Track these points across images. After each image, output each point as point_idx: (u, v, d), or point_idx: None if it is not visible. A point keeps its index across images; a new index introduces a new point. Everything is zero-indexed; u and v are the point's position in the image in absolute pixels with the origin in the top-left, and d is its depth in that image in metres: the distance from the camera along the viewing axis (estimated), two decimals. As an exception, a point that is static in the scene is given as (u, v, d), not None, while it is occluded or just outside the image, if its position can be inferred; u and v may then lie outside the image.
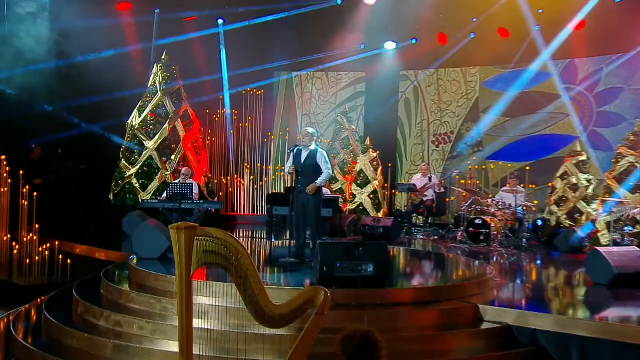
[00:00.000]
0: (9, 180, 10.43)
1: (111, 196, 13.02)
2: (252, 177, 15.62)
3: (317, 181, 8.03)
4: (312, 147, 8.13)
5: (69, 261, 9.48)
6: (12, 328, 7.00)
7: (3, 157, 10.70)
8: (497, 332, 6.18)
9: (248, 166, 15.67)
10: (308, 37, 14.87)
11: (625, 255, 8.24)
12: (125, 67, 13.58)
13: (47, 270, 9.56)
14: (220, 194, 14.99)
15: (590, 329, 6.03)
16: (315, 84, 16.20)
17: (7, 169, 10.60)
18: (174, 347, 5.65)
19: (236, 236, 12.68)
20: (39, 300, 8.46)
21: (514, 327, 6.21)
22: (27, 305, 8.35)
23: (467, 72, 14.93)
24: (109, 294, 7.13)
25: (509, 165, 14.27)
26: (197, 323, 5.96)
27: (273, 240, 11.99)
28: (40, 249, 9.75)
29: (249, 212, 15.40)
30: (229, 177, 15.54)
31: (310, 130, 8.59)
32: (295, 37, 14.82)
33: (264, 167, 15.76)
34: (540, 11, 13.23)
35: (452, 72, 15.10)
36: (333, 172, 9.31)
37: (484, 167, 14.65)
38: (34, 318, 7.61)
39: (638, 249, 8.68)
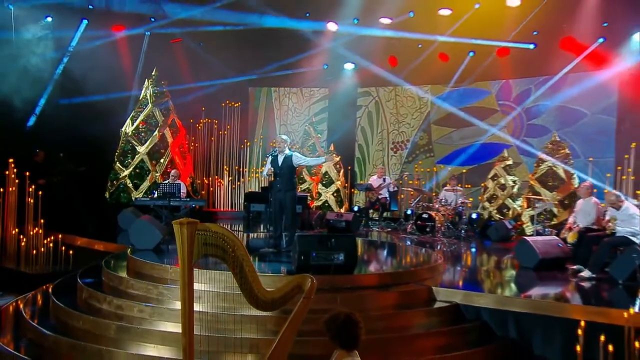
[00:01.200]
0: (17, 181, 10.25)
1: (107, 194, 12.82)
2: (230, 177, 15.45)
3: (299, 162, 8.19)
4: (287, 152, 8.10)
5: (71, 252, 9.37)
6: (23, 312, 6.83)
7: (11, 160, 10.49)
8: (447, 310, 6.25)
9: (227, 168, 15.51)
10: (278, 56, 14.72)
11: (548, 243, 8.48)
12: (119, 82, 13.43)
13: (51, 260, 9.40)
14: (203, 192, 14.80)
15: (523, 305, 6.15)
16: (292, 98, 16.09)
17: (15, 170, 10.40)
18: (170, 327, 5.72)
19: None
20: (44, 287, 8.19)
21: (462, 305, 6.28)
22: (35, 291, 8.10)
23: (420, 88, 14.91)
24: (110, 281, 7.03)
25: (464, 170, 14.31)
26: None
27: (250, 233, 11.99)
28: (45, 241, 9.56)
29: (228, 209, 15.23)
30: (210, 178, 15.36)
31: (284, 137, 8.59)
32: (268, 57, 14.66)
33: (241, 169, 15.59)
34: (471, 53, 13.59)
35: (407, 89, 15.07)
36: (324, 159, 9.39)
37: (435, 169, 14.71)
38: (42, 303, 7.41)
39: (557, 238, 8.89)
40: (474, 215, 12.64)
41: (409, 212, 13.19)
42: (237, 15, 13.39)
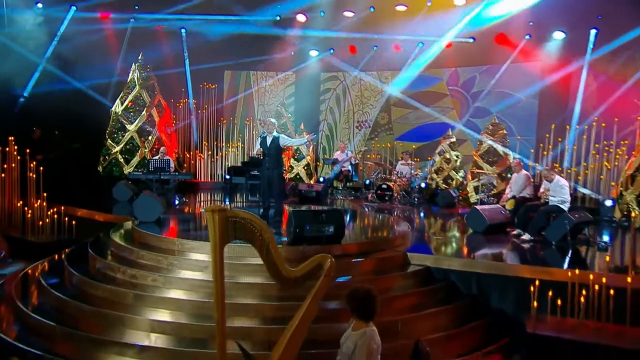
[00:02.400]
0: (18, 158, 9.72)
1: (100, 169, 12.33)
2: (209, 152, 15.08)
3: (285, 143, 8.15)
4: (275, 133, 7.97)
5: (73, 222, 9.04)
6: (41, 279, 6.54)
7: (11, 138, 9.90)
8: (420, 272, 6.27)
9: (206, 143, 15.12)
10: (253, 43, 14.30)
11: (493, 210, 8.59)
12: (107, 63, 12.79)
13: (56, 230, 9.02)
14: (185, 165, 14.43)
15: (483, 267, 6.26)
16: (268, 81, 15.59)
17: (15, 147, 9.83)
18: (181, 295, 5.66)
19: (200, 199, 12.50)
20: (55, 256, 7.96)
21: (432, 268, 6.32)
22: (45, 260, 7.83)
23: (381, 74, 14.69)
24: (120, 252, 6.78)
25: (414, 146, 14.26)
26: (197, 275, 5.91)
27: (231, 202, 11.84)
28: (49, 212, 9.15)
29: (208, 180, 14.91)
30: (191, 152, 14.96)
31: (273, 120, 8.43)
32: (242, 44, 14.21)
33: (219, 144, 15.23)
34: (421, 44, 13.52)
35: (370, 74, 14.81)
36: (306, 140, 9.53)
37: (395, 144, 14.64)
38: (56, 271, 7.06)
39: (500, 206, 8.96)
40: (423, 185, 12.66)
41: (367, 182, 13.18)
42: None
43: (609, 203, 10.08)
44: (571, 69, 11.96)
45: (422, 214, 10.95)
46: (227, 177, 14.14)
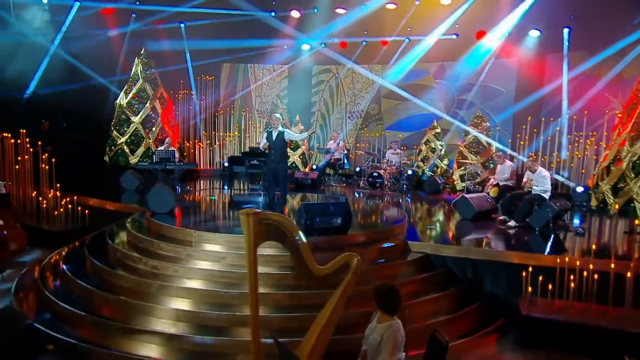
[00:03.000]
0: (31, 150, 9.48)
1: (107, 158, 12.12)
2: (208, 141, 14.92)
3: (289, 137, 8.07)
4: (280, 128, 7.92)
5: (86, 212, 8.86)
6: (65, 269, 6.36)
7: (23, 130, 9.64)
8: (420, 259, 6.28)
9: (205, 133, 14.94)
10: (249, 37, 14.02)
11: (480, 198, 8.66)
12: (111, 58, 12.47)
13: (70, 218, 8.80)
14: (186, 154, 14.26)
15: (477, 253, 6.30)
16: (265, 74, 15.38)
17: (27, 139, 9.58)
18: (200, 284, 5.62)
19: (201, 187, 12.37)
20: (74, 244, 7.76)
21: (431, 255, 6.35)
22: (64, 248, 7.61)
23: (372, 67, 14.57)
24: (139, 242, 6.61)
25: (400, 135, 14.27)
26: (214, 266, 5.85)
27: (232, 188, 11.77)
28: (62, 202, 8.95)
29: (207, 167, 14.78)
30: (191, 142, 14.77)
31: (278, 115, 8.36)
32: (240, 37, 13.97)
33: (217, 133, 15.08)
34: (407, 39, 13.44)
35: (363, 67, 14.59)
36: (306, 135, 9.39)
37: (383, 133, 14.61)
38: (77, 260, 6.81)
39: (486, 194, 9.04)
40: (409, 172, 12.68)
41: (358, 169, 13.19)
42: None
43: (580, 189, 10.30)
44: (545, 64, 12.14)
45: (414, 202, 10.86)
46: (226, 164, 14.07)
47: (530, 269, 5.54)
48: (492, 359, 5.03)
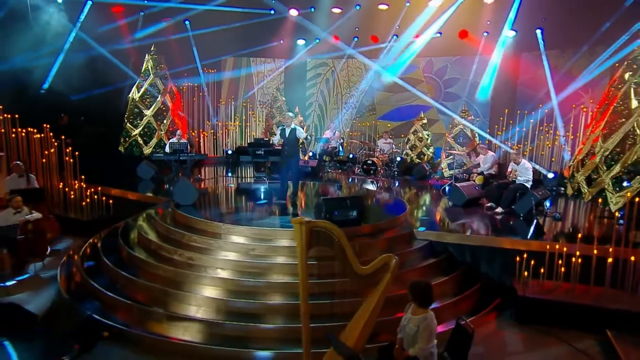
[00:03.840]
0: (55, 143, 9.35)
1: (122, 149, 11.90)
2: (211, 130, 14.75)
3: (300, 135, 7.88)
4: (292, 125, 7.90)
5: (110, 201, 8.79)
6: (104, 259, 6.27)
7: (47, 125, 9.42)
8: (424, 247, 6.34)
9: (209, 122, 14.75)
10: (250, 33, 13.75)
11: (469, 187, 8.84)
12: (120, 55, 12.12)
13: (96, 208, 8.71)
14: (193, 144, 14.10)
15: (475, 240, 6.43)
16: (266, 67, 15.14)
17: (51, 134, 9.38)
18: (230, 274, 5.66)
19: (209, 175, 12.26)
20: (102, 233, 7.70)
21: (434, 242, 6.44)
22: (96, 237, 7.52)
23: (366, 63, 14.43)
24: (170, 234, 6.54)
25: (388, 124, 14.33)
26: (241, 257, 5.87)
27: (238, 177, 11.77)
28: (88, 192, 8.83)
29: (212, 155, 14.64)
30: (195, 131, 14.58)
31: (291, 114, 8.34)
32: (242, 33, 13.66)
33: (220, 123, 14.85)
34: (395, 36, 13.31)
35: (356, 61, 14.57)
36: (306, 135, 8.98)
37: (376, 122, 14.60)
38: (111, 249, 6.73)
39: (474, 182, 9.21)
40: (398, 159, 12.75)
41: (351, 156, 13.25)
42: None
43: (550, 175, 10.60)
44: (520, 62, 12.30)
45: (406, 188, 10.88)
46: (229, 152, 13.99)
47: (525, 255, 5.76)
48: (494, 335, 5.25)
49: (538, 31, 11.62)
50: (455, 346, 3.79)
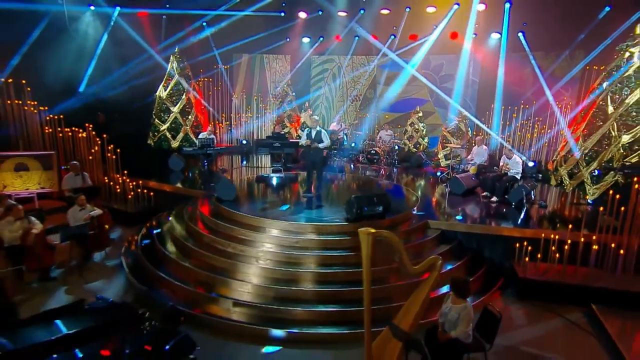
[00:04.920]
0: (99, 141, 9.41)
1: (151, 142, 11.99)
2: (226, 122, 14.80)
3: (320, 145, 7.87)
4: (318, 128, 8.03)
5: (152, 194, 9.00)
6: (166, 251, 6.45)
7: (90, 125, 9.48)
8: (437, 235, 6.68)
9: (224, 115, 14.78)
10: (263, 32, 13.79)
11: (467, 178, 9.13)
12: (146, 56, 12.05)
13: (139, 200, 8.93)
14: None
15: (480, 229, 6.77)
16: (278, 63, 15.11)
17: (93, 133, 9.44)
18: (273, 265, 5.87)
19: (225, 163, 12.27)
20: (149, 223, 8.01)
21: (445, 231, 6.79)
22: (146, 227, 7.75)
23: (369, 58, 14.45)
24: (219, 228, 6.64)
25: (386, 115, 14.44)
26: (279, 249, 6.08)
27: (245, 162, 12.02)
28: (131, 185, 9.03)
29: (228, 144, 14.72)
30: (212, 123, 14.60)
31: (316, 117, 8.51)
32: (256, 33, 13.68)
33: (234, 115, 14.89)
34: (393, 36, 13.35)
35: (361, 58, 14.58)
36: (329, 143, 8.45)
37: (385, 116, 14.61)
38: (164, 240, 6.95)
39: (470, 173, 9.45)
40: (396, 147, 12.99)
41: (353, 144, 13.38)
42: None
43: (530, 164, 11.03)
44: (504, 61, 12.56)
45: (406, 175, 10.97)
46: (244, 142, 14.13)
47: (525, 243, 6.24)
48: (502, 311, 5.76)
49: (520, 34, 11.90)
50: (485, 328, 4.26)
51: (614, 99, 7.74)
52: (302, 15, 13.16)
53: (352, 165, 11.71)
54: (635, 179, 6.38)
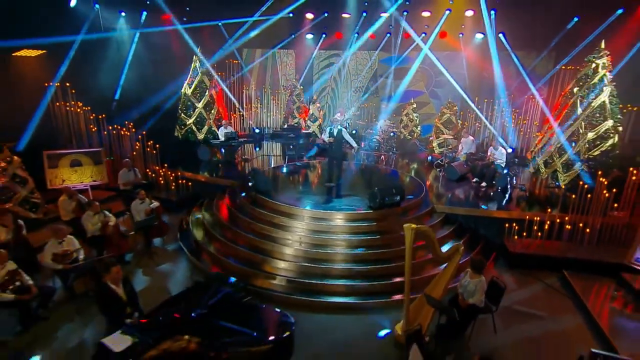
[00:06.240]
0: (140, 137, 9.78)
1: (179, 135, 12.32)
2: (239, 112, 15.10)
3: (351, 141, 8.26)
4: (339, 127, 8.36)
5: (189, 183, 9.38)
6: (220, 235, 6.97)
7: (131, 124, 9.81)
8: (442, 218, 7.39)
9: (237, 105, 15.04)
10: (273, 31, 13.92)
11: (460, 165, 9.77)
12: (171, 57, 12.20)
13: (179, 189, 9.29)
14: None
15: (477, 212, 7.47)
16: (289, 58, 15.25)
17: (133, 130, 9.80)
18: (310, 247, 6.48)
19: (244, 151, 12.59)
20: (195, 208, 8.47)
21: (448, 214, 7.49)
22: (192, 215, 8.16)
23: (371, 53, 14.60)
24: (263, 216, 7.13)
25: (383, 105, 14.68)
26: (310, 234, 6.67)
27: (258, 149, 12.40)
28: (172, 177, 9.43)
29: (241, 132, 15.07)
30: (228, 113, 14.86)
31: (338, 116, 8.89)
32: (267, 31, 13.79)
33: (246, 105, 15.15)
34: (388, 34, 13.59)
35: (364, 53, 14.68)
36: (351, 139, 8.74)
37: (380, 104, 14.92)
38: (212, 225, 7.40)
39: (463, 161, 10.05)
40: (392, 134, 13.31)
41: (354, 131, 13.53)
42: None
43: (509, 150, 11.91)
44: (485, 59, 13.09)
45: (403, 160, 11.44)
46: (257, 130, 14.52)
47: (515, 224, 7.14)
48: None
49: (501, 35, 12.49)
50: (492, 295, 5.16)
51: (582, 102, 8.57)
52: (309, 16, 13.38)
53: (360, 152, 12.02)
54: (600, 172, 7.32)
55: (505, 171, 9.13)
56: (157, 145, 9.76)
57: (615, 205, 7.24)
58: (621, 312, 5.71)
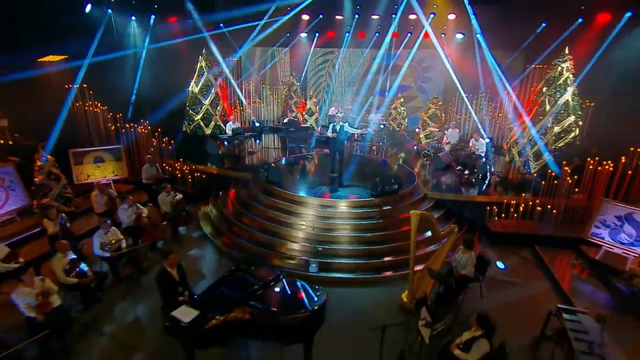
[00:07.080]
0: (156, 134, 10.00)
1: (187, 130, 12.58)
2: (241, 107, 15.22)
3: (357, 131, 8.81)
4: (341, 123, 8.57)
5: (203, 176, 9.62)
6: (237, 223, 7.46)
7: (147, 122, 10.05)
8: (434, 203, 8.02)
9: (238, 101, 15.24)
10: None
11: (446, 155, 10.33)
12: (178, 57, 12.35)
13: (194, 182, 9.50)
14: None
15: (461, 197, 8.11)
16: (285, 55, 15.38)
17: (149, 128, 10.05)
18: (319, 231, 7.10)
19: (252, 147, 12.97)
20: (213, 200, 8.86)
21: (438, 199, 8.14)
22: (208, 204, 8.62)
23: (362, 51, 14.77)
24: (276, 204, 7.64)
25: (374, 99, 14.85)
26: (316, 219, 7.25)
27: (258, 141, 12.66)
28: (187, 170, 9.67)
29: (243, 126, 15.31)
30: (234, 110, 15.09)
31: (333, 110, 9.30)
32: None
33: (248, 100, 15.37)
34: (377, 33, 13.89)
35: (356, 50, 14.87)
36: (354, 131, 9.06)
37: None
38: (229, 214, 7.84)
39: (448, 151, 10.54)
40: (381, 126, 13.77)
41: (347, 123, 14.11)
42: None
43: (487, 140, 12.68)
44: (466, 58, 13.61)
45: (394, 148, 11.93)
46: (257, 124, 14.82)
47: (495, 207, 7.91)
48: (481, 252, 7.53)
49: (479, 36, 13.07)
50: (480, 267, 5.92)
51: (550, 100, 9.35)
52: (305, 17, 13.64)
53: (355, 144, 12.44)
54: (564, 161, 8.12)
55: (484, 160, 9.89)
56: (172, 142, 10.06)
57: (577, 189, 8.01)
58: (579, 276, 6.57)
